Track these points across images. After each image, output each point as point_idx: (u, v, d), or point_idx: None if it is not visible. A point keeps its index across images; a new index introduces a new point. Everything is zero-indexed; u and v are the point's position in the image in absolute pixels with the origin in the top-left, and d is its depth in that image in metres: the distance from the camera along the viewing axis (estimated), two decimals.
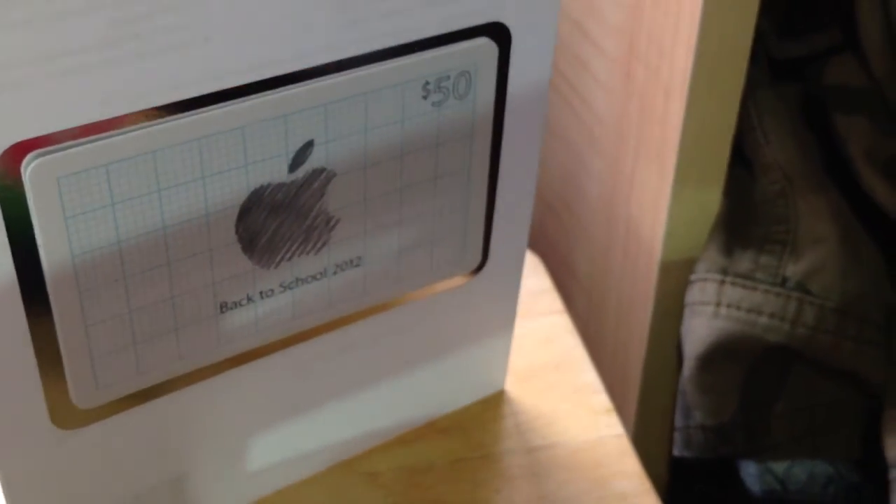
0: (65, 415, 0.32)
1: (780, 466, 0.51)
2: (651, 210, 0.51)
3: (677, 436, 0.50)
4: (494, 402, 0.43)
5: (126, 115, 0.28)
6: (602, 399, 0.44)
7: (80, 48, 0.26)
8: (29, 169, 0.27)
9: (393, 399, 0.40)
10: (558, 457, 0.41)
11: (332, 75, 0.31)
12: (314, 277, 0.34)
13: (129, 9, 0.27)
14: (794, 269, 0.47)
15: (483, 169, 0.36)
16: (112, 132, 0.28)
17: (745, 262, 0.48)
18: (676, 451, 0.50)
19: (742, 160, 0.51)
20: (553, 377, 0.45)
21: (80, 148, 0.28)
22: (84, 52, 0.27)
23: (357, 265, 0.35)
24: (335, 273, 0.35)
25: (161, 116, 0.29)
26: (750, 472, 0.52)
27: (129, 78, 0.28)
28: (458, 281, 0.38)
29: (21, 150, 0.27)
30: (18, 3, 0.25)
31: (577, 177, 0.60)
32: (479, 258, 0.38)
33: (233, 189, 0.31)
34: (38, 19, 0.25)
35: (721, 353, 0.48)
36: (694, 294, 0.49)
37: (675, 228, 0.50)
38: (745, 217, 0.49)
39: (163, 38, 0.27)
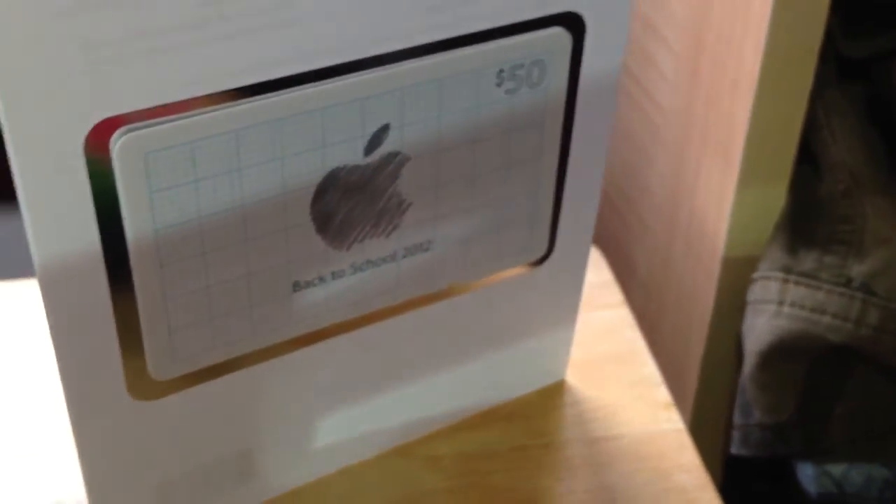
0: (141, 386, 0.33)
1: (837, 469, 0.51)
2: (715, 206, 0.51)
3: (735, 434, 0.50)
4: (556, 392, 0.44)
5: (211, 95, 0.29)
6: (662, 392, 0.44)
7: (170, 28, 0.27)
8: (118, 144, 0.28)
9: (456, 384, 0.41)
10: (620, 448, 0.42)
11: (408, 60, 0.31)
12: (384, 260, 0.35)
13: None
14: (858, 270, 0.47)
15: (553, 158, 0.36)
16: (197, 111, 0.29)
17: (809, 261, 0.48)
18: (734, 449, 0.50)
19: (808, 158, 0.51)
20: (613, 369, 0.45)
21: (166, 125, 0.28)
22: (173, 32, 0.27)
23: (426, 250, 0.36)
24: (405, 256, 0.35)
25: (244, 97, 0.29)
26: (807, 473, 0.51)
27: (214, 58, 0.28)
28: (524, 269, 0.39)
29: (111, 125, 0.28)
30: None
31: (639, 171, 0.60)
32: (545, 247, 0.39)
33: (310, 170, 0.32)
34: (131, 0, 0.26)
35: (782, 352, 0.48)
36: (756, 292, 0.49)
37: (739, 225, 0.50)
38: (809, 216, 0.49)
39: (248, 20, 0.28)
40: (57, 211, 0.28)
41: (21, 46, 0.26)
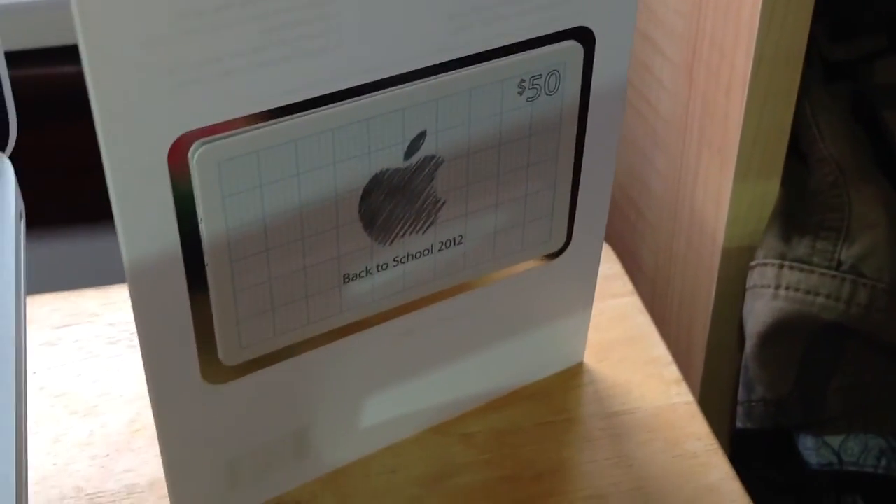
0: (213, 372, 0.37)
1: (835, 440, 0.55)
2: (713, 201, 0.55)
3: (740, 409, 0.54)
4: (575, 373, 0.48)
5: (273, 110, 0.33)
6: (672, 370, 0.48)
7: (239, 52, 0.31)
8: (196, 155, 0.32)
9: (485, 367, 0.45)
10: (635, 420, 0.46)
11: (442, 74, 0.36)
12: (422, 253, 0.39)
13: (277, 19, 0.32)
14: (847, 254, 0.51)
15: (569, 157, 0.40)
16: (262, 124, 0.33)
17: (802, 247, 0.52)
18: (739, 423, 0.54)
19: (797, 154, 0.55)
20: (627, 351, 0.49)
21: (236, 137, 0.33)
22: (241, 56, 0.32)
23: (459, 243, 0.40)
24: (440, 250, 0.39)
25: (302, 111, 0.34)
26: (807, 445, 0.55)
27: (276, 77, 0.33)
28: (545, 260, 0.43)
29: (190, 138, 0.32)
30: (191, 14, 0.30)
31: (642, 174, 0.64)
32: (563, 239, 0.43)
33: (358, 173, 0.36)
34: (207, 28, 0.31)
35: (780, 331, 0.52)
36: (754, 278, 0.54)
37: (737, 218, 0.54)
38: (801, 206, 0.53)
39: (304, 43, 0.32)
40: (143, 216, 0.33)
41: (116, 71, 0.30)
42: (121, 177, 0.32)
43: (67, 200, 0.67)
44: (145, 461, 0.43)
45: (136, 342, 0.47)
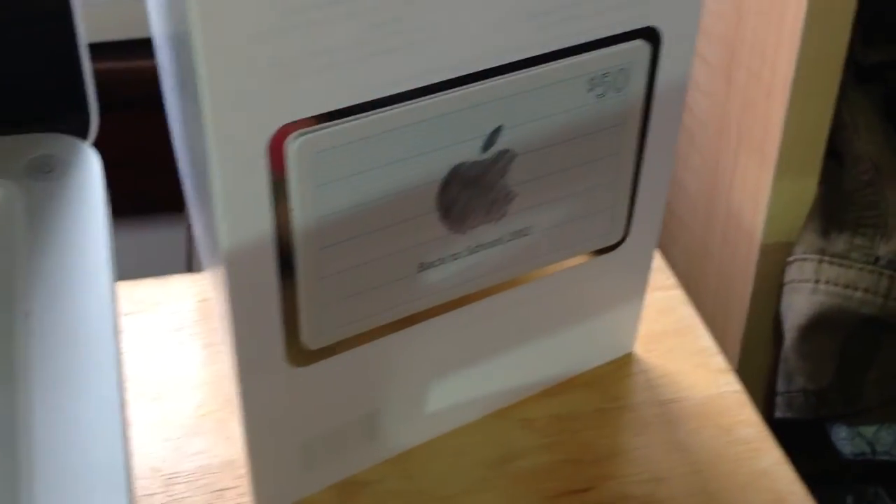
0: (296, 354, 0.39)
1: (869, 430, 0.56)
2: (752, 199, 0.57)
3: (779, 399, 0.56)
4: (626, 362, 0.49)
5: (364, 103, 0.35)
6: (720, 360, 0.50)
7: (338, 47, 0.33)
8: (294, 145, 0.34)
9: (543, 355, 0.47)
10: (687, 408, 0.48)
11: (519, 71, 0.37)
12: (493, 244, 0.41)
13: (376, 16, 0.33)
14: (885, 249, 0.53)
15: (631, 154, 0.42)
16: (353, 117, 0.35)
17: (840, 243, 0.54)
18: (779, 413, 0.56)
19: (832, 153, 0.57)
20: (675, 342, 0.51)
21: (332, 129, 0.34)
22: (340, 51, 0.33)
23: (527, 234, 0.41)
24: (509, 240, 0.41)
25: (390, 104, 0.35)
26: (841, 436, 0.57)
27: (371, 71, 0.34)
28: (603, 252, 0.45)
29: (288, 129, 0.34)
30: (300, 9, 0.32)
31: (676, 173, 0.66)
32: (621, 233, 0.45)
33: (438, 165, 0.37)
34: (312, 23, 0.32)
35: (820, 324, 0.54)
36: (793, 273, 0.55)
37: (775, 215, 0.56)
38: (838, 204, 0.55)
39: (397, 39, 0.34)
40: (242, 204, 0.34)
41: (227, 64, 0.31)
42: (223, 166, 0.33)
43: (127, 192, 0.69)
44: (216, 443, 0.45)
45: (198, 330, 0.49)
